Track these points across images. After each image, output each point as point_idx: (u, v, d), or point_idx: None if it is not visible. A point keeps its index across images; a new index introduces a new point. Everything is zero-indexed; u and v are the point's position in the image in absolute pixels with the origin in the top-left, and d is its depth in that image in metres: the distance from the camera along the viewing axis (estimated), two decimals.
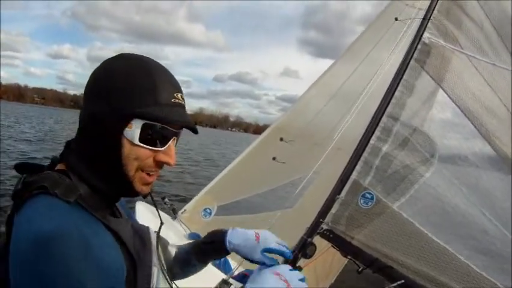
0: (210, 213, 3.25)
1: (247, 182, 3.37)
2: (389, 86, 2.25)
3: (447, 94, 2.36)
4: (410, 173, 2.23)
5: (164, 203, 3.18)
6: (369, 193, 2.15)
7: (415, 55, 2.31)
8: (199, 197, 3.32)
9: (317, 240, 2.13)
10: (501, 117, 2.46)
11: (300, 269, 2.13)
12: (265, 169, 3.29)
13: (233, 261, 2.58)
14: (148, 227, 1.14)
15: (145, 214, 2.88)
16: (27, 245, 0.75)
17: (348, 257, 2.13)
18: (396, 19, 2.52)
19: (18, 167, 0.94)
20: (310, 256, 2.14)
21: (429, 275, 2.04)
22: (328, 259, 3.22)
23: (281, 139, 3.18)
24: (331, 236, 2.12)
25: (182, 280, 2.22)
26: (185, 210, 3.22)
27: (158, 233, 1.22)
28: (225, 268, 2.48)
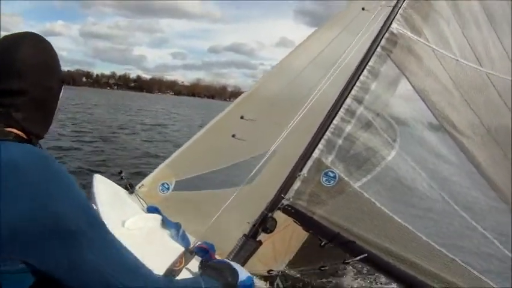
0: (168, 188, 3.21)
1: (207, 157, 3.37)
2: (355, 70, 2.32)
3: (410, 83, 2.45)
4: (372, 155, 2.30)
5: (121, 178, 3.14)
6: (332, 171, 2.20)
7: (382, 43, 2.39)
8: (157, 172, 3.26)
9: (276, 216, 2.17)
10: (461, 110, 2.56)
11: (260, 243, 2.16)
12: (224, 145, 3.32)
13: (191, 235, 2.59)
14: None
15: (102, 186, 2.87)
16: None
17: (310, 231, 2.17)
18: (363, 9, 2.61)
19: None
20: (271, 231, 2.17)
21: (392, 250, 2.10)
22: (287, 235, 3.24)
23: (241, 117, 3.23)
24: (292, 211, 2.15)
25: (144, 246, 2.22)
26: (143, 184, 3.17)
27: None
28: (183, 242, 2.48)
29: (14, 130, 1.07)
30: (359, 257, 2.06)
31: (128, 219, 2.41)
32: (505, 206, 2.50)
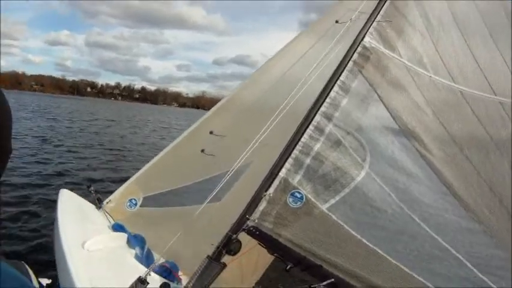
0: (136, 204, 3.15)
1: (175, 173, 3.29)
2: (325, 85, 2.24)
3: (382, 101, 2.38)
4: (341, 176, 2.21)
5: (90, 192, 3.04)
6: (299, 192, 2.11)
7: (354, 57, 2.32)
8: (125, 187, 3.19)
9: (242, 235, 2.07)
10: (432, 128, 2.50)
11: (224, 265, 2.06)
12: (193, 161, 3.23)
13: (156, 252, 2.49)
14: None
15: (67, 202, 2.77)
16: None
17: (275, 254, 2.07)
18: (336, 21, 2.53)
19: None
20: (235, 253, 2.06)
21: (360, 275, 2.02)
22: (254, 256, 3.15)
23: (211, 132, 3.15)
24: (257, 233, 2.05)
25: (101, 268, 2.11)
26: (110, 200, 3.09)
27: None
28: (147, 261, 2.38)
29: None
30: (325, 282, 1.97)
31: (89, 239, 2.29)
32: (477, 227, 2.44)
